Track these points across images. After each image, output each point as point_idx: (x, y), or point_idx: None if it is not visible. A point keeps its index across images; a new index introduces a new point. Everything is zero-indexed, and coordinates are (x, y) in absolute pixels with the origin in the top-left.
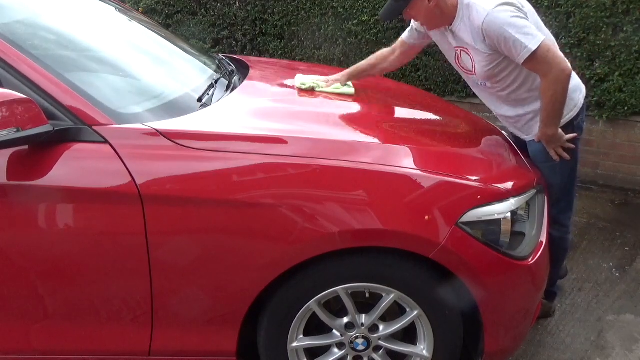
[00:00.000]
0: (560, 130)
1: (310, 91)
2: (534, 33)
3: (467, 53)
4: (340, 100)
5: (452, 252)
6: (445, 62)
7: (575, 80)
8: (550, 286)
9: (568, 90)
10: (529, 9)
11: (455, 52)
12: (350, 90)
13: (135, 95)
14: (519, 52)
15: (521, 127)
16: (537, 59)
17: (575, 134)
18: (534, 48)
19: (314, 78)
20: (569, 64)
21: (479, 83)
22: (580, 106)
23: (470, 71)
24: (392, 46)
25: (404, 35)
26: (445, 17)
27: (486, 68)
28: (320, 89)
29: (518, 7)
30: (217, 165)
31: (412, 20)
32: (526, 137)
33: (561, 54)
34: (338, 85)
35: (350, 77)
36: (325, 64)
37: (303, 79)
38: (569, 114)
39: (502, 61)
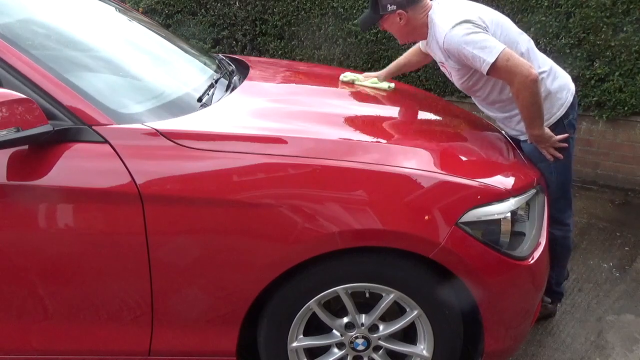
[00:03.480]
0: (547, 130)
1: (351, 84)
2: (492, 45)
3: (444, 66)
4: (341, 100)
5: (452, 252)
6: None
7: (562, 80)
8: (555, 286)
9: (539, 94)
10: (493, 18)
11: (439, 64)
12: (384, 85)
13: (135, 95)
14: (480, 65)
15: (514, 127)
16: (498, 70)
17: (566, 134)
18: (492, 60)
19: (356, 75)
20: (532, 70)
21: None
22: (569, 104)
23: (452, 81)
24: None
25: (420, 43)
26: (417, 33)
27: (460, 81)
28: (359, 82)
29: (475, 23)
30: (217, 165)
31: None
32: (520, 137)
33: (523, 61)
34: (375, 80)
35: (389, 74)
36: (325, 64)
37: (346, 74)
38: (557, 112)
39: (474, 73)
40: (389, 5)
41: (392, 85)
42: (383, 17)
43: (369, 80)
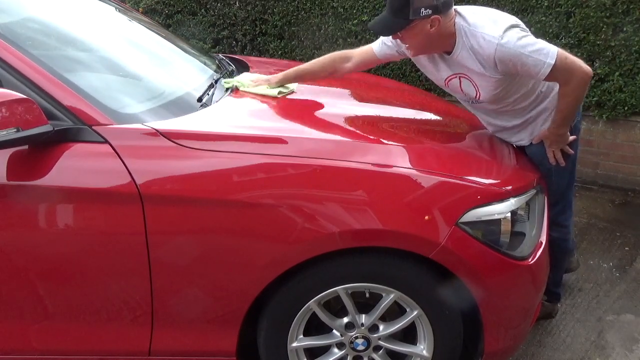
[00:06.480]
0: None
1: (236, 90)
2: (546, 46)
3: (468, 79)
4: (341, 100)
5: (452, 252)
6: None
7: None
8: (553, 287)
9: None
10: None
11: (451, 79)
12: (274, 92)
13: (135, 95)
14: (539, 70)
15: (518, 132)
16: (557, 70)
17: (574, 137)
18: (553, 61)
19: (252, 77)
20: (587, 66)
21: (479, 103)
22: None
23: (474, 97)
24: (346, 52)
25: (376, 49)
26: (440, 45)
27: (494, 92)
28: (244, 89)
29: (521, 27)
30: (217, 165)
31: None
32: (524, 142)
33: (577, 58)
34: (265, 87)
35: (286, 80)
36: None
37: (228, 79)
38: None
39: (511, 81)
40: (423, 10)
41: (288, 89)
42: (411, 25)
43: (258, 87)
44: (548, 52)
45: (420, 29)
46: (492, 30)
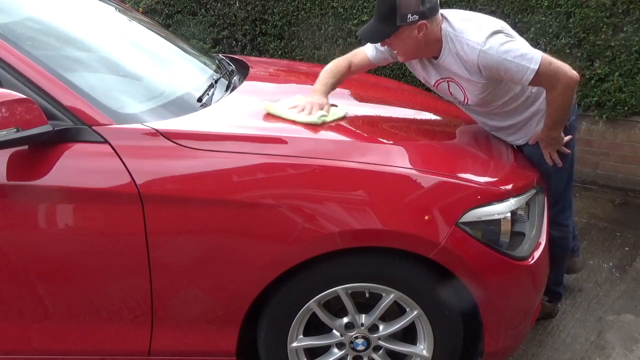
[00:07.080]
0: (562, 133)
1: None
2: (530, 52)
3: (456, 84)
4: (341, 100)
5: (452, 252)
6: None
7: None
8: (554, 286)
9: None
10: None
11: (439, 83)
12: (340, 113)
13: (135, 95)
14: (522, 75)
15: (513, 132)
16: (541, 76)
17: (570, 136)
18: (536, 67)
19: (304, 104)
20: (574, 71)
21: (469, 106)
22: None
23: (462, 101)
24: (346, 58)
25: (370, 54)
26: (428, 50)
27: (480, 96)
28: (330, 119)
29: (505, 33)
30: (217, 165)
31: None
32: (520, 142)
33: (562, 62)
34: (336, 109)
35: (327, 95)
36: (326, 64)
37: (299, 112)
38: None
39: (497, 85)
40: (409, 16)
41: (344, 111)
42: (398, 31)
43: (331, 113)
44: (532, 57)
45: (408, 34)
46: (476, 36)
